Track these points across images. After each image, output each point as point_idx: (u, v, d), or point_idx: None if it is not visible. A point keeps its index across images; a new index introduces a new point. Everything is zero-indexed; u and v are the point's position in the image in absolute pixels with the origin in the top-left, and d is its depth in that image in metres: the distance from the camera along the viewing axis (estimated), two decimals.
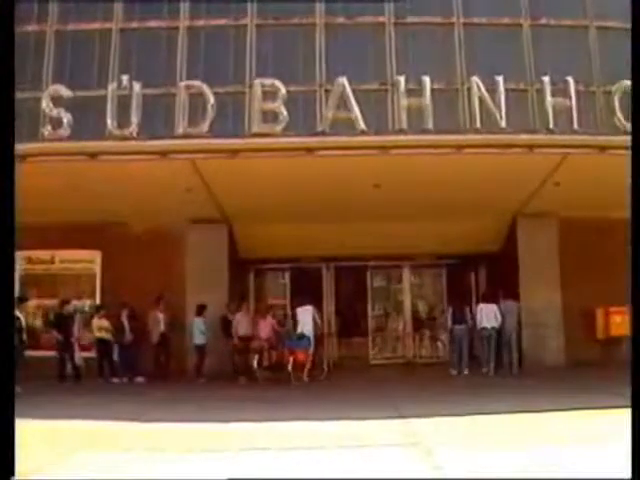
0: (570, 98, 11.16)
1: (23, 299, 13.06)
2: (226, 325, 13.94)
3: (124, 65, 14.18)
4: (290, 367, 12.99)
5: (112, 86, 11.60)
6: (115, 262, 14.69)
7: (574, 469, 4.82)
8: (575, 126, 11.00)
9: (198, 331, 14.00)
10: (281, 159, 11.17)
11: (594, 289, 14.01)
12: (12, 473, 4.40)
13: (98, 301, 14.90)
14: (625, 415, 4.84)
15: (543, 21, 14.71)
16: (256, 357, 13.40)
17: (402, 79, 11.49)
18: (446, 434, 6.66)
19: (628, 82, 9.40)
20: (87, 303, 15.14)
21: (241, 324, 13.89)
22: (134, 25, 14.94)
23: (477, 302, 14.84)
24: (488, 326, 13.86)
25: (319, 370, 13.94)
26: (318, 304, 15.32)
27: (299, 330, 13.76)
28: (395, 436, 6.59)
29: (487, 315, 13.93)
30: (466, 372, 13.84)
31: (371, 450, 5.89)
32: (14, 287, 11.62)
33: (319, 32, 14.83)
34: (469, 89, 12.03)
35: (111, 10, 14.82)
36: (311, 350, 13.46)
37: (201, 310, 14.03)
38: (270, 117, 11.14)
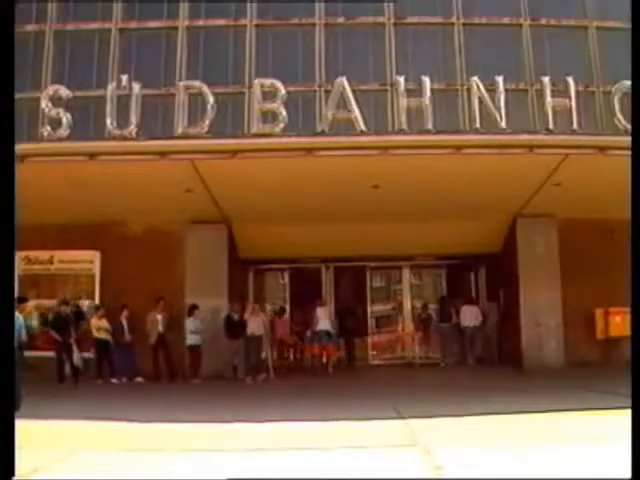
0: (570, 98, 11.14)
1: (22, 300, 13.03)
2: (230, 325, 13.88)
3: (123, 65, 14.23)
4: (325, 360, 14.74)
5: (111, 86, 11.58)
6: (114, 262, 14.66)
7: (574, 469, 4.82)
8: (575, 126, 10.97)
9: (188, 331, 13.94)
10: (281, 159, 11.16)
11: (594, 290, 14.04)
12: (12, 473, 4.39)
13: (97, 301, 14.88)
14: (625, 416, 4.83)
15: (543, 21, 14.77)
16: (292, 351, 15.80)
17: (402, 79, 11.46)
18: (445, 434, 6.65)
19: (628, 82, 9.41)
20: (86, 303, 15.10)
21: (251, 324, 13.87)
22: (133, 25, 14.99)
23: (462, 304, 16.15)
24: (470, 325, 15.70)
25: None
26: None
27: (319, 328, 14.67)
28: (395, 436, 6.58)
29: (469, 316, 15.75)
30: (442, 365, 15.86)
31: (371, 450, 5.88)
32: (14, 287, 11.58)
33: (319, 32, 14.87)
34: (469, 89, 12.04)
35: (110, 10, 14.87)
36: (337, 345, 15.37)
37: (191, 310, 13.97)
38: (270, 117, 11.12)
